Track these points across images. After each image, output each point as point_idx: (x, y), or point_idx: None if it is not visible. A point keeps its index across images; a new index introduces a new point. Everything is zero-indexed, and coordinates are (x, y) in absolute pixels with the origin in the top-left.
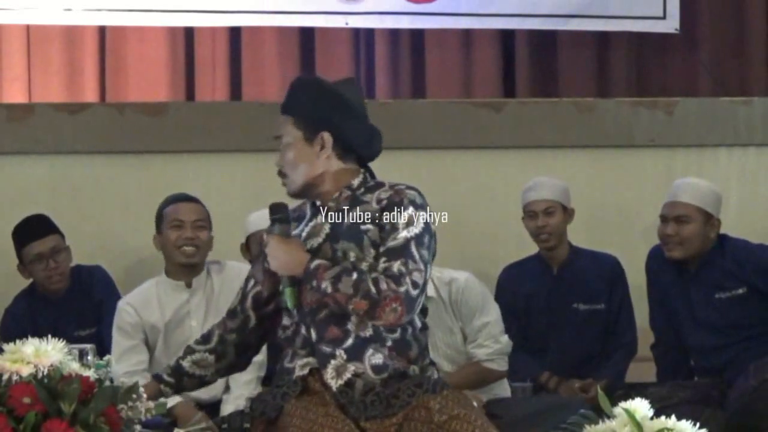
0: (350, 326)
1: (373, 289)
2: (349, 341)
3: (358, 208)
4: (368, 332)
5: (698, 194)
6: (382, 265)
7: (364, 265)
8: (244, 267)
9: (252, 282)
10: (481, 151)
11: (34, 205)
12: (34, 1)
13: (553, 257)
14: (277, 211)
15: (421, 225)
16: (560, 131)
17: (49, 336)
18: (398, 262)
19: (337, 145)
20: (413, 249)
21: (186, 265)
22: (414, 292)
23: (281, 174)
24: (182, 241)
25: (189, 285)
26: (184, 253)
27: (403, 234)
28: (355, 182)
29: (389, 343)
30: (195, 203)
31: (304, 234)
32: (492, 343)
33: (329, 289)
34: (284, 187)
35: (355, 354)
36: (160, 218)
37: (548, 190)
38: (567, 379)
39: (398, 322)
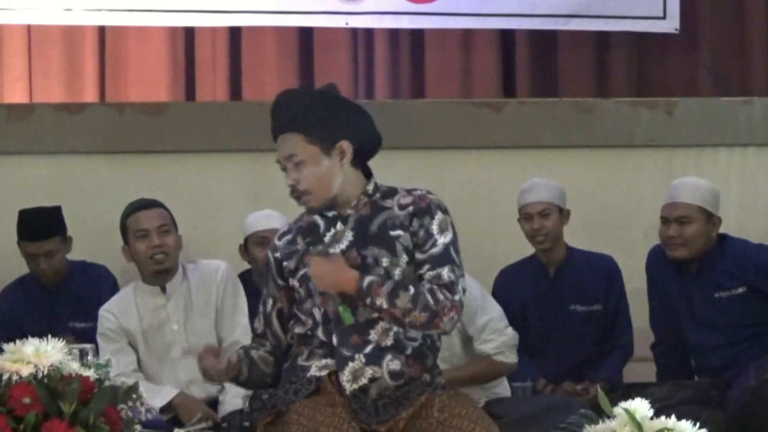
0: (372, 336)
1: (431, 301)
2: (369, 348)
3: (381, 214)
4: (389, 341)
5: (698, 193)
6: (429, 273)
7: (397, 271)
8: (220, 264)
9: (270, 302)
10: (481, 151)
11: (34, 205)
12: (34, 1)
13: (549, 259)
14: (310, 233)
15: (452, 229)
16: (560, 131)
17: (43, 321)
18: (446, 269)
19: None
20: (453, 254)
21: (159, 271)
22: (463, 299)
23: (297, 193)
24: (151, 250)
25: (164, 290)
26: (155, 262)
27: (441, 240)
28: (370, 188)
29: (408, 351)
30: (155, 208)
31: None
32: (497, 336)
33: (385, 305)
34: (302, 204)
35: (374, 359)
36: (124, 230)
37: (544, 191)
38: (562, 384)
39: (453, 329)
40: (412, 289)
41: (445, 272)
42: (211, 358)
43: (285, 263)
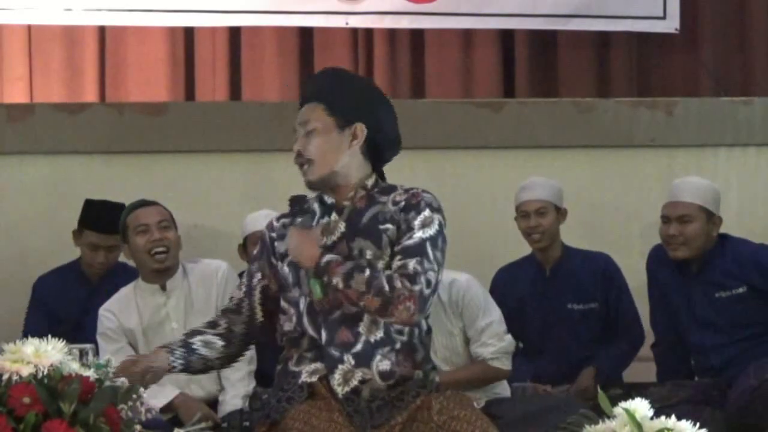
0: (361, 329)
1: (386, 287)
2: (359, 346)
3: (373, 207)
4: (379, 335)
5: (699, 193)
6: (397, 263)
7: (380, 264)
8: (221, 264)
9: (259, 276)
10: (481, 151)
11: (34, 205)
12: (34, 1)
13: (545, 258)
14: (297, 203)
15: (436, 227)
16: (560, 131)
17: (77, 310)
18: (414, 261)
19: (367, 139)
20: (428, 249)
21: (159, 270)
22: (427, 291)
23: (300, 159)
24: (151, 244)
25: (164, 288)
26: (156, 259)
27: (419, 234)
28: (369, 183)
29: (398, 346)
30: (155, 206)
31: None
32: (496, 341)
33: (340, 285)
34: (303, 174)
35: (363, 360)
36: (124, 229)
37: (541, 190)
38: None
39: (410, 320)
40: (367, 272)
41: (412, 263)
42: (128, 366)
43: (277, 243)
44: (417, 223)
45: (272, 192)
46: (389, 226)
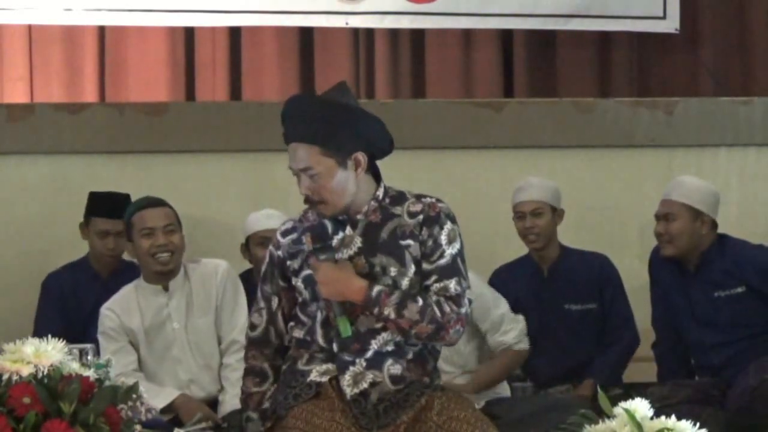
0: (373, 344)
1: (438, 314)
2: (370, 353)
3: (391, 222)
4: (390, 347)
5: (686, 191)
6: (436, 284)
7: (405, 281)
8: (221, 263)
9: (276, 300)
10: (481, 151)
11: (34, 205)
12: (34, 1)
13: (543, 258)
14: (319, 238)
15: (459, 240)
16: (560, 131)
17: (87, 307)
18: (453, 282)
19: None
20: (460, 265)
21: (162, 272)
22: (469, 311)
23: (311, 201)
24: (155, 249)
25: (166, 288)
26: (159, 262)
27: (449, 251)
28: (380, 193)
29: (410, 356)
30: (162, 207)
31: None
32: (516, 324)
33: (392, 316)
34: (317, 211)
35: (375, 363)
36: (129, 227)
37: (536, 190)
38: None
39: (457, 341)
40: (420, 301)
41: (453, 285)
42: None
43: (289, 262)
44: (443, 238)
45: (272, 192)
46: (410, 242)
